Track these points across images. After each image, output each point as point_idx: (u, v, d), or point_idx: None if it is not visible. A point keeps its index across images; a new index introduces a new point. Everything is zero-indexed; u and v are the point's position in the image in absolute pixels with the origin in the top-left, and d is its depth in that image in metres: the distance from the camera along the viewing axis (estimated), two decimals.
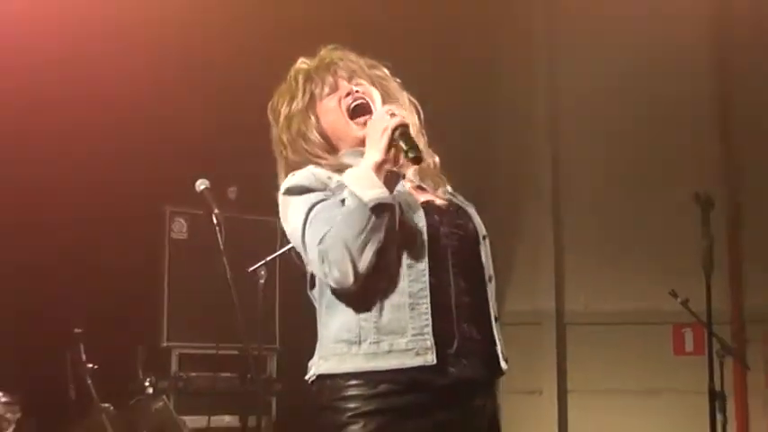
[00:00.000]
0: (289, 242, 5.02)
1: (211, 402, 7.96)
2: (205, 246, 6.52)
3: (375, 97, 4.24)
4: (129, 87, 8.24)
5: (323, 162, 4.16)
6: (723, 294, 7.88)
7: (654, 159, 9.36)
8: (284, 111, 4.26)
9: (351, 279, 3.79)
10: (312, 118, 4.24)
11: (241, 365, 7.12)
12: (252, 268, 6.85)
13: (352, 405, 3.83)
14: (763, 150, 9.77)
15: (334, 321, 4.01)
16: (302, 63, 4.34)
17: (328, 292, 4.02)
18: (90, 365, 6.78)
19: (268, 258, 6.90)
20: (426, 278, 3.89)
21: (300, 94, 4.25)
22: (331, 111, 4.22)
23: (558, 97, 9.72)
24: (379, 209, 3.76)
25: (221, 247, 6.27)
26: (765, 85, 9.72)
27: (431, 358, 3.76)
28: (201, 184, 6.38)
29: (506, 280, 9.73)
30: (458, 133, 4.67)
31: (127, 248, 8.10)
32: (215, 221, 6.31)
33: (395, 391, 3.83)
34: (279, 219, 7.34)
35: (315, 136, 4.21)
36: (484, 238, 4.14)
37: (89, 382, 6.77)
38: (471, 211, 4.21)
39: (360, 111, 4.20)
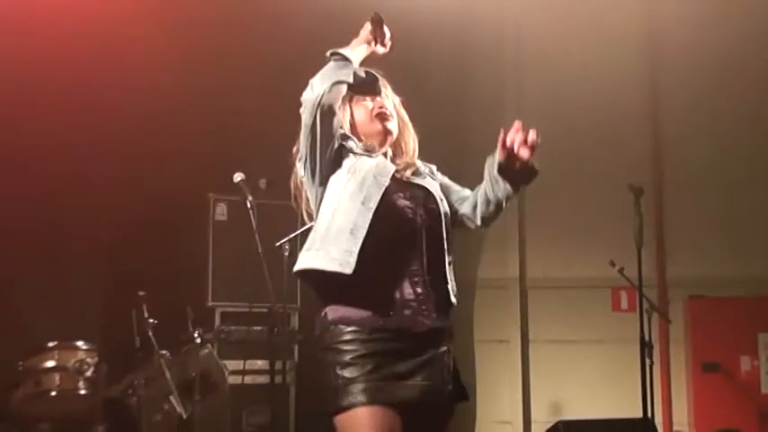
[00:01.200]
0: (305, 224, 5.19)
1: (246, 350, 8.06)
2: (241, 226, 6.67)
3: (393, 116, 4.43)
4: (181, 93, 8.32)
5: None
6: (651, 264, 7.98)
7: (597, 156, 9.41)
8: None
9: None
10: (348, 107, 4.41)
11: (270, 320, 7.17)
12: (278, 243, 6.97)
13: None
14: (682, 151, 9.93)
15: None
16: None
17: None
18: (151, 321, 6.84)
19: (291, 236, 7.00)
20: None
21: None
22: (362, 108, 4.42)
23: (522, 101, 9.77)
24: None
25: (254, 227, 6.45)
26: (685, 99, 9.85)
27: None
28: (238, 177, 6.54)
29: (479, 252, 9.85)
30: (435, 126, 4.74)
31: (180, 228, 8.22)
32: (249, 206, 6.50)
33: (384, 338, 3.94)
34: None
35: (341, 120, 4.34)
36: (446, 214, 4.28)
37: (150, 334, 6.84)
38: (433, 188, 4.33)
39: (381, 117, 4.39)
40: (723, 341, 9.85)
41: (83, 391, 6.61)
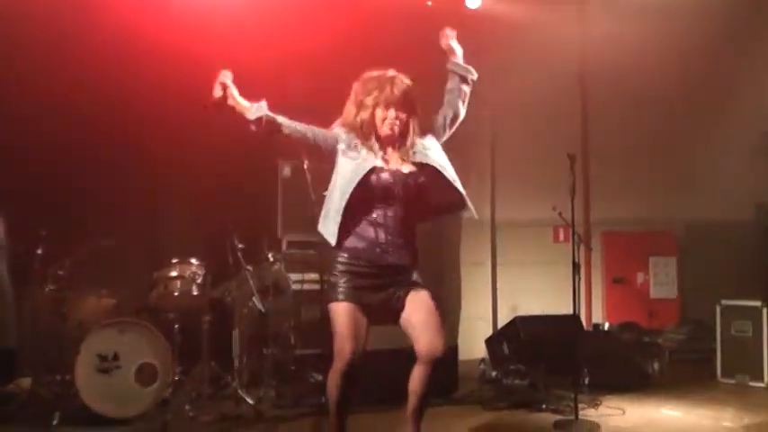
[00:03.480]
0: None
1: (303, 266, 8.09)
2: (300, 181, 6.68)
3: (410, 127, 4.49)
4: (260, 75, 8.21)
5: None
6: (579, 209, 7.99)
7: (547, 134, 9.42)
8: (362, 94, 4.48)
9: None
10: (369, 111, 4.47)
11: (319, 246, 7.20)
12: (324, 192, 6.94)
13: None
14: (602, 131, 9.96)
15: None
16: (395, 77, 4.46)
17: None
18: (240, 246, 6.87)
19: None
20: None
21: (375, 94, 4.45)
22: (378, 116, 4.45)
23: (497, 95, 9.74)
24: None
25: (308, 181, 6.43)
26: (607, 91, 9.86)
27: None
28: None
29: None
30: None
31: (258, 183, 8.22)
32: (305, 167, 6.48)
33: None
34: None
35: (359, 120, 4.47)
36: (442, 168, 4.50)
37: (239, 254, 6.88)
38: (429, 160, 4.47)
39: (390, 128, 4.44)
40: (626, 262, 10.07)
41: (195, 293, 6.65)
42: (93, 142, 7.60)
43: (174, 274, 6.68)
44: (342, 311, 4.32)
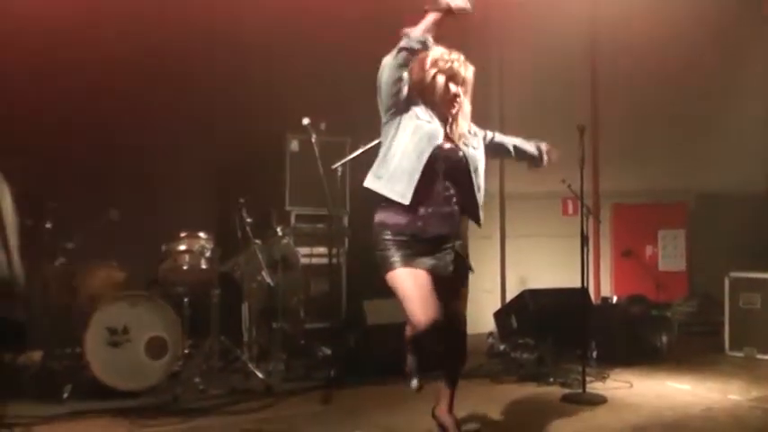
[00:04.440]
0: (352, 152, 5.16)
1: (312, 240, 8.13)
2: (308, 155, 6.71)
3: (466, 108, 4.49)
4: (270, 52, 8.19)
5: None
6: (588, 182, 7.95)
7: (556, 106, 9.36)
8: (434, 62, 4.38)
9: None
10: (432, 73, 4.40)
11: (328, 220, 7.24)
12: (333, 167, 6.96)
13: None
14: (612, 103, 9.91)
15: None
16: (457, 57, 4.41)
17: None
18: (248, 219, 6.88)
19: (341, 162, 7.01)
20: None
21: (446, 66, 4.38)
22: (439, 83, 4.38)
23: (505, 67, 9.71)
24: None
25: (317, 155, 6.45)
26: (617, 62, 9.83)
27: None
28: (305, 121, 6.60)
29: None
30: None
31: (267, 156, 8.23)
32: (313, 141, 6.50)
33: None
34: (349, 138, 7.45)
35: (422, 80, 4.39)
36: (475, 170, 4.46)
37: (248, 228, 6.89)
38: (468, 152, 4.44)
39: (452, 102, 4.42)
40: (635, 235, 10.01)
41: (204, 266, 6.66)
42: (103, 115, 7.61)
43: (182, 247, 6.68)
44: (403, 275, 4.27)
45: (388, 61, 4.26)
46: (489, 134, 4.78)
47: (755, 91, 10.10)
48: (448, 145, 4.40)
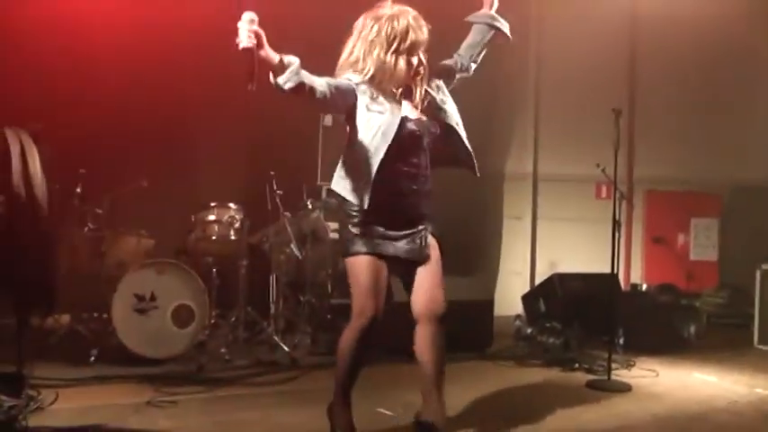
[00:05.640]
0: None
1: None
2: (340, 129, 6.62)
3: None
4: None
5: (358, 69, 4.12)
6: (623, 166, 7.93)
7: (591, 89, 9.30)
8: (378, 39, 4.07)
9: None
10: (392, 60, 4.08)
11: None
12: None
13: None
14: (650, 87, 9.80)
15: None
16: (418, 17, 4.06)
17: None
18: (278, 192, 6.86)
19: None
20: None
21: (396, 42, 4.04)
22: (400, 65, 4.06)
23: (542, 47, 9.65)
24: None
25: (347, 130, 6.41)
26: (655, 46, 9.70)
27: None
28: None
29: (505, 155, 9.82)
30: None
31: (300, 130, 8.14)
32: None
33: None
34: None
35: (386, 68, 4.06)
36: (457, 124, 4.27)
37: (278, 201, 6.87)
38: (447, 114, 4.21)
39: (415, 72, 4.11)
40: (667, 222, 9.94)
41: (233, 237, 6.68)
42: (136, 82, 7.62)
43: (212, 217, 6.71)
44: (362, 265, 4.06)
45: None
46: (447, 65, 4.44)
47: None
48: (410, 124, 4.08)
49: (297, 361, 6.25)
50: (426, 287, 4.20)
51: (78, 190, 6.53)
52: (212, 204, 6.75)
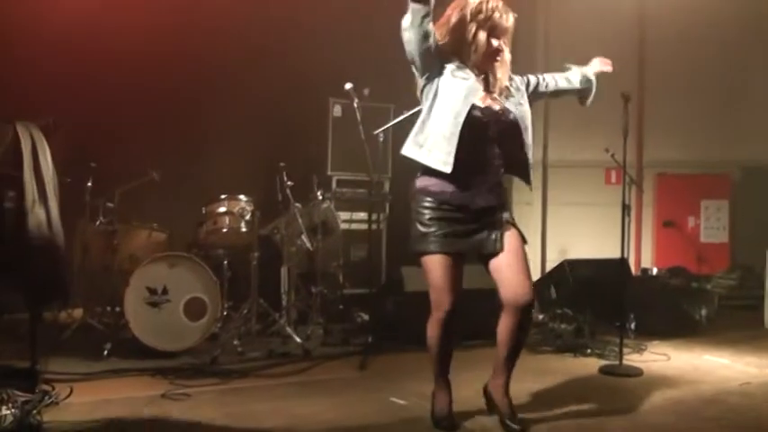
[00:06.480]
0: (396, 118, 5.00)
1: (352, 205, 8.14)
2: (350, 120, 6.64)
3: (506, 56, 4.15)
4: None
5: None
6: (632, 151, 7.90)
7: (604, 73, 9.25)
8: (471, 16, 4.05)
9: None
10: (473, 29, 4.06)
11: (369, 185, 7.17)
12: (375, 132, 6.89)
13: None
14: (660, 72, 9.74)
15: None
16: (496, 5, 4.07)
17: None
18: (289, 183, 6.84)
19: (383, 127, 6.92)
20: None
21: (485, 18, 4.05)
22: (481, 39, 4.06)
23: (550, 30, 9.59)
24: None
25: (359, 120, 6.40)
26: (664, 30, 9.65)
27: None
28: (348, 86, 6.50)
29: None
30: None
31: (310, 121, 8.23)
32: (355, 107, 6.45)
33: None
34: (392, 105, 7.38)
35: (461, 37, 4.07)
36: (525, 128, 4.16)
37: (288, 192, 6.85)
38: (515, 111, 4.14)
39: (494, 56, 4.10)
40: (677, 205, 9.93)
41: (244, 229, 6.65)
42: (146, 75, 7.63)
43: (222, 209, 6.69)
44: (437, 264, 4.10)
45: (405, 23, 3.96)
46: (533, 80, 4.49)
47: None
48: (497, 107, 4.12)
49: (309, 352, 6.24)
50: (508, 276, 4.17)
51: (89, 184, 6.52)
52: (223, 197, 6.73)
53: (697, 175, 10.01)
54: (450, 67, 4.09)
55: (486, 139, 4.09)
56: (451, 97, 4.03)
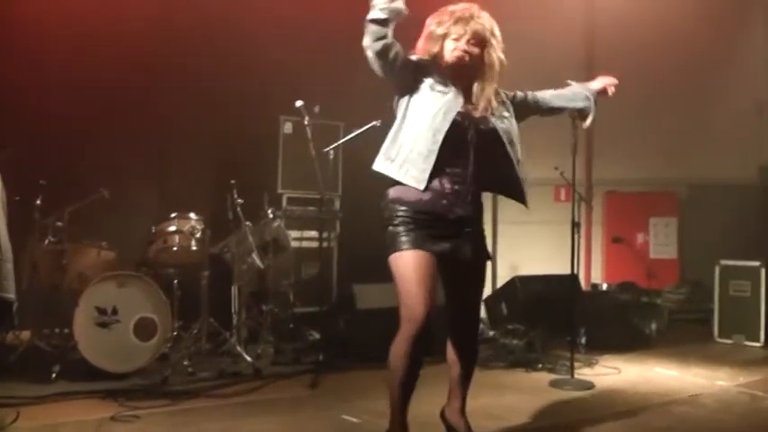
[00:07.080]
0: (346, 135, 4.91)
1: (303, 223, 8.13)
2: (301, 138, 6.64)
3: (491, 69, 4.01)
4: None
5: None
6: (581, 169, 7.97)
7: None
8: (433, 27, 3.96)
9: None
10: (439, 42, 3.96)
11: (319, 203, 7.14)
12: (326, 150, 6.91)
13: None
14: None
15: None
16: (461, 10, 3.98)
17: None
18: (239, 201, 6.77)
19: (334, 145, 6.97)
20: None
21: (444, 27, 3.94)
22: (447, 46, 3.95)
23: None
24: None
25: (309, 137, 6.39)
26: (611, 51, 9.75)
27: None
28: (299, 103, 6.48)
29: None
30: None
31: (260, 139, 8.19)
32: (306, 124, 6.44)
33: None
34: (342, 122, 7.33)
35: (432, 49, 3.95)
36: (510, 142, 4.04)
37: (239, 210, 6.78)
38: (498, 123, 3.99)
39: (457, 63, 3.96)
40: (626, 222, 10.05)
41: (194, 248, 6.60)
42: (95, 92, 7.55)
43: (172, 228, 6.62)
44: (409, 263, 3.80)
45: (364, 43, 3.80)
46: (519, 95, 4.37)
47: (747, 82, 10.09)
48: (477, 114, 3.95)
49: (260, 371, 6.19)
50: (461, 315, 4.14)
51: (38, 202, 6.42)
52: (173, 215, 6.66)
53: (645, 193, 10.14)
54: (428, 81, 3.96)
55: (465, 146, 3.92)
56: (429, 112, 3.90)
